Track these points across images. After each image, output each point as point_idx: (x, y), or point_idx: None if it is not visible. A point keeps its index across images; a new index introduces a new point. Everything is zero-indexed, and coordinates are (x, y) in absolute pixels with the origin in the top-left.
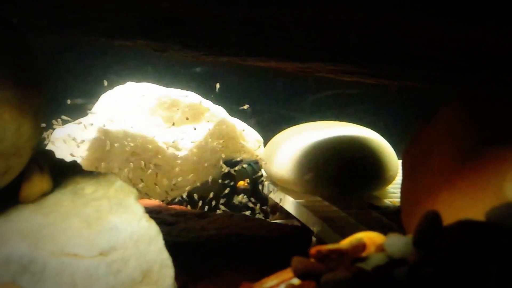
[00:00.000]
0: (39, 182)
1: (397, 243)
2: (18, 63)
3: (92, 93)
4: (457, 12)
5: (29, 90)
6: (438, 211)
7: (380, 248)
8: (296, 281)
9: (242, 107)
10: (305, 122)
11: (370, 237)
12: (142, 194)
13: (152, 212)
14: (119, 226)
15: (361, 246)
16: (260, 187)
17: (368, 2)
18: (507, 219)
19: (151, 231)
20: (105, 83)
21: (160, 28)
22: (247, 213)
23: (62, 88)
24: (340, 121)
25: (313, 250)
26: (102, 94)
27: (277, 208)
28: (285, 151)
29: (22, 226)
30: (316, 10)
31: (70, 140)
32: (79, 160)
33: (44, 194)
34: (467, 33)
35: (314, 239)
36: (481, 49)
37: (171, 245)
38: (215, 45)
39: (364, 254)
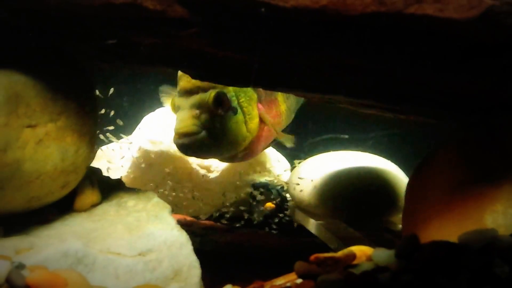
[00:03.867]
0: (90, 195)
1: (382, 254)
2: (80, 97)
3: (135, 114)
4: (446, 64)
5: (87, 118)
6: (431, 234)
7: (369, 259)
8: (299, 281)
9: None
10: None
11: (361, 250)
12: (177, 210)
13: (185, 225)
14: (155, 233)
15: (352, 255)
16: (285, 209)
17: (377, 54)
18: (474, 241)
19: (182, 239)
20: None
21: (194, 60)
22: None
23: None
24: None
25: (312, 256)
26: (144, 115)
27: None
28: (310, 177)
29: (76, 229)
30: (334, 57)
31: (113, 158)
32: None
33: (94, 205)
34: (457, 81)
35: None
36: (471, 94)
37: (199, 253)
38: (247, 77)
39: (355, 262)
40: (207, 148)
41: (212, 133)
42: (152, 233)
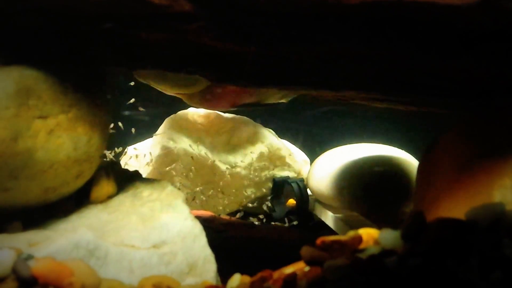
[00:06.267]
0: (106, 186)
1: (388, 236)
2: (92, 88)
3: (159, 116)
4: (449, 50)
5: (99, 109)
6: (441, 214)
7: (377, 242)
8: (307, 268)
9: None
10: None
11: (369, 233)
12: (199, 206)
13: (206, 221)
14: (168, 223)
15: (358, 238)
16: (306, 204)
17: (380, 43)
18: (482, 218)
19: (196, 230)
20: None
21: (205, 58)
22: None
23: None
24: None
25: (319, 240)
26: (167, 116)
27: None
28: (326, 170)
29: (91, 221)
30: (338, 48)
31: (139, 155)
32: (144, 175)
33: (110, 196)
34: (462, 66)
35: None
36: (476, 79)
37: (219, 249)
38: (259, 77)
39: (363, 247)
40: (154, 75)
41: None
42: (166, 223)
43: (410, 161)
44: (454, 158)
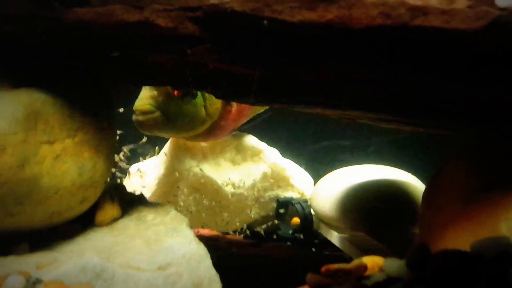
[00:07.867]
0: (111, 210)
1: (393, 264)
2: (98, 113)
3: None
4: (455, 74)
5: (105, 134)
6: (446, 244)
7: (381, 269)
8: None
9: None
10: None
11: (373, 260)
12: (204, 225)
13: (210, 240)
14: (174, 246)
15: (363, 266)
16: (310, 224)
17: (384, 66)
18: (487, 250)
19: (200, 251)
20: None
21: (212, 78)
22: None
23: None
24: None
25: (323, 268)
26: None
27: None
28: (331, 191)
29: (98, 244)
30: (342, 71)
31: (142, 175)
32: (148, 195)
33: (115, 220)
34: (468, 90)
35: None
36: (483, 103)
37: (223, 268)
38: (265, 96)
39: (368, 273)
40: (161, 127)
41: (167, 114)
42: (171, 246)
43: (415, 184)
44: (460, 187)
